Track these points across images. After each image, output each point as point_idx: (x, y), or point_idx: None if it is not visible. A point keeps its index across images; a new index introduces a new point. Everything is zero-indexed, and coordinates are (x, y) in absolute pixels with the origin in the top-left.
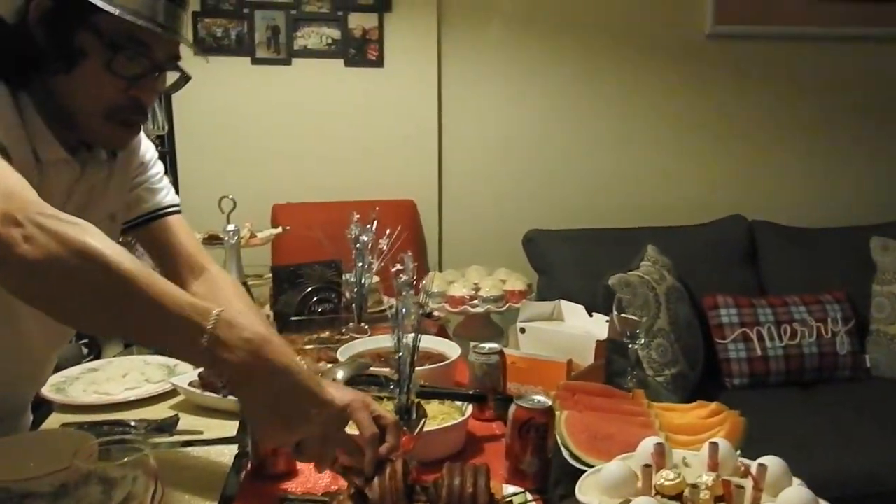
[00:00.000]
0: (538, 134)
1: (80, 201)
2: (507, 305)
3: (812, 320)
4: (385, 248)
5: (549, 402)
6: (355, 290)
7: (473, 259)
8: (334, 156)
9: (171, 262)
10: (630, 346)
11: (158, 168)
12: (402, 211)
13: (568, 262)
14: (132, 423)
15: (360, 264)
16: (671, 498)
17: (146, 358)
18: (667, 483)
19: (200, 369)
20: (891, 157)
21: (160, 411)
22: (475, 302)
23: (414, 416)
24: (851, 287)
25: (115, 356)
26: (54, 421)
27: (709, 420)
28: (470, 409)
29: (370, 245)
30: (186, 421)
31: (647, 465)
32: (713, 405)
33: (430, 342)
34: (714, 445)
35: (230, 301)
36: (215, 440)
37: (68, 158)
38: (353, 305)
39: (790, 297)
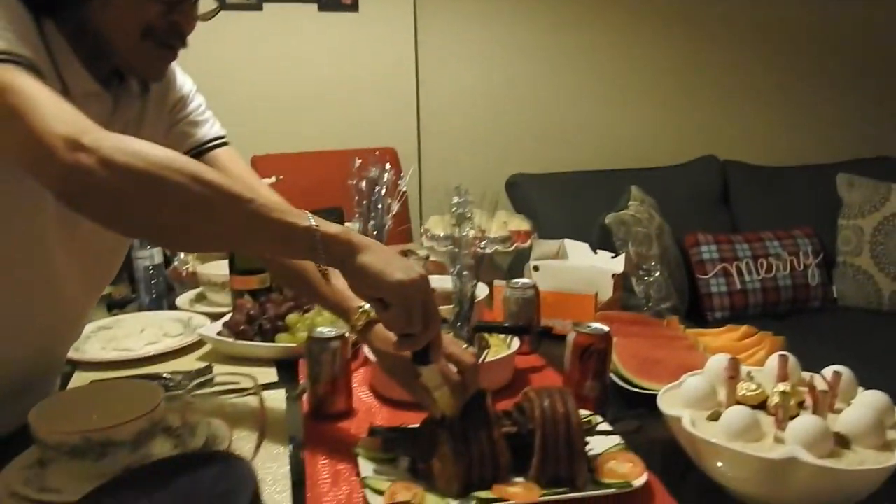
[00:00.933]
0: (516, 78)
1: None
2: (515, 246)
3: (785, 254)
4: (403, 188)
5: (607, 329)
6: (374, 233)
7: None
8: (311, 104)
9: None
10: (647, 278)
11: (199, 100)
12: (383, 159)
13: (551, 204)
14: (165, 376)
15: (379, 206)
16: (754, 407)
17: (159, 314)
18: (749, 393)
19: (226, 318)
20: (853, 98)
21: (187, 364)
22: (483, 244)
23: (476, 348)
24: (819, 222)
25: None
26: (79, 380)
27: (744, 342)
28: (517, 342)
29: (388, 187)
30: (218, 371)
31: (732, 377)
32: (744, 328)
33: (449, 283)
34: (783, 357)
35: None
36: (262, 386)
37: (100, 91)
38: None
39: (765, 232)
